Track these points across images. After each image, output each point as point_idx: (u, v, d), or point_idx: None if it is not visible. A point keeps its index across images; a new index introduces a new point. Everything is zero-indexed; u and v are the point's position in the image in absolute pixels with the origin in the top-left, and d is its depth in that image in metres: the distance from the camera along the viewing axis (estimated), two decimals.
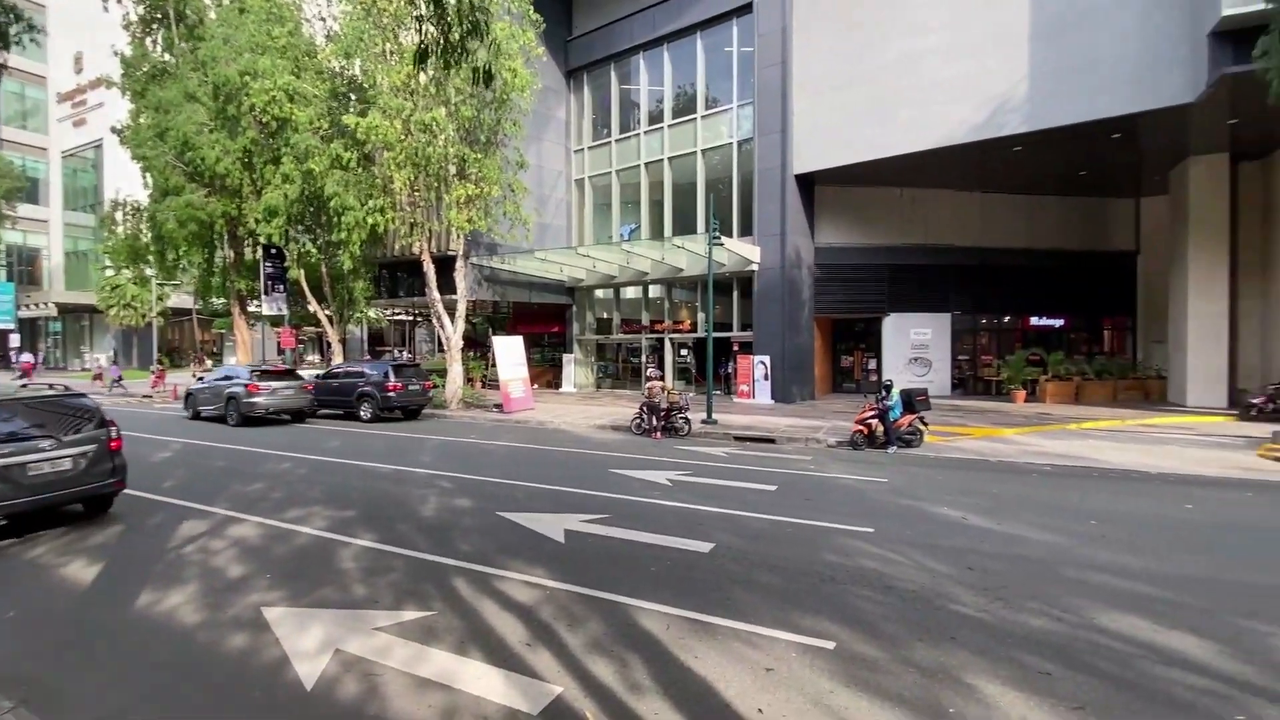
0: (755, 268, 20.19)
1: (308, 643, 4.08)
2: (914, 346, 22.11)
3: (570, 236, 25.50)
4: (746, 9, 20.40)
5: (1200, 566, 5.59)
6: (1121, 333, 24.32)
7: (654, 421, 13.72)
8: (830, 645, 3.99)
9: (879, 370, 22.11)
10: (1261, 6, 10.39)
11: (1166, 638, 4.13)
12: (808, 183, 20.33)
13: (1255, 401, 15.01)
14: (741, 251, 19.52)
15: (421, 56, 4.49)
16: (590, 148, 25.47)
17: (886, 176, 20.51)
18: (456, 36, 4.51)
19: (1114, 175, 20.76)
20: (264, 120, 19.69)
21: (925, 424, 12.34)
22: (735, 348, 22.31)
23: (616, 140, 24.61)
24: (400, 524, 6.89)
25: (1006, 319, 24.02)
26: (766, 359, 20.11)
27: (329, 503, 7.85)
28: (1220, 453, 11.26)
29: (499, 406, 18.47)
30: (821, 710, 3.30)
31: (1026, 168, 19.45)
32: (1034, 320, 23.69)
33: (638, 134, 23.93)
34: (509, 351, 18.96)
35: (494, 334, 25.73)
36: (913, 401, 12.14)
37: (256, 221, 20.55)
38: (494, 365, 20.05)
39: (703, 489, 8.60)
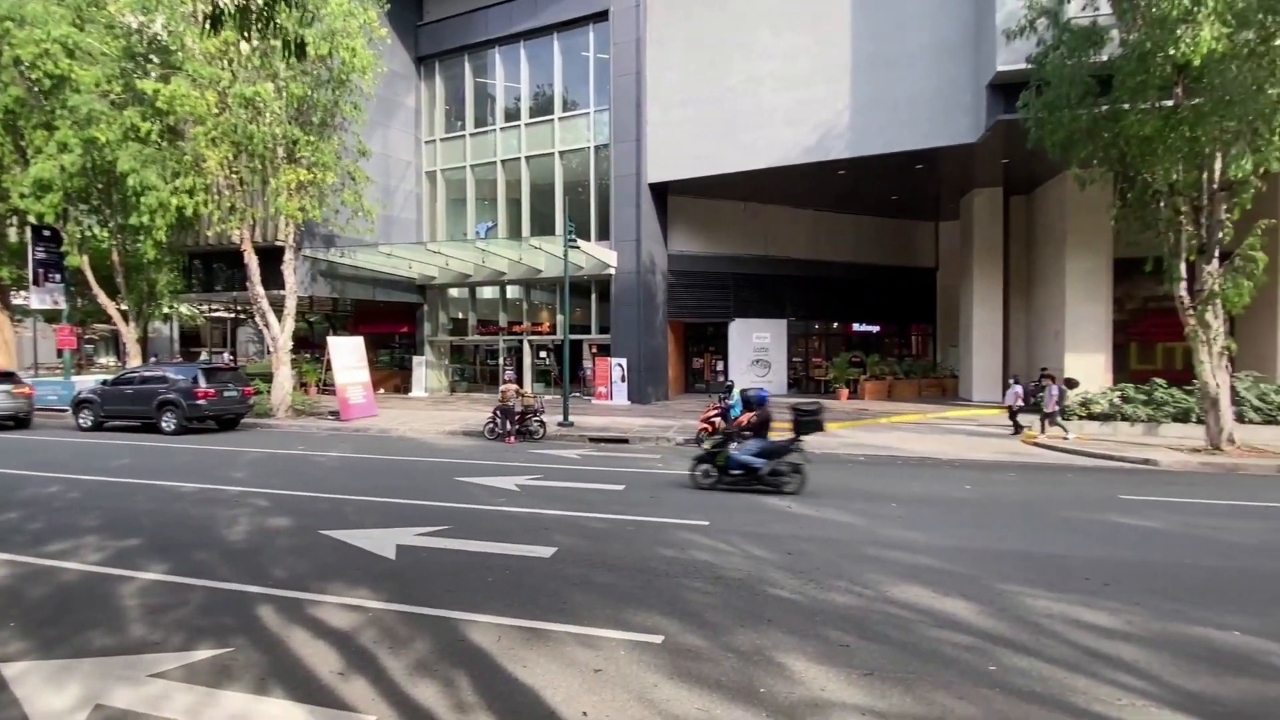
0: (612, 271, 20.52)
1: (60, 701, 3.42)
2: (756, 349, 23.78)
3: (421, 231, 24.18)
4: (603, 16, 20.70)
5: (972, 539, 6.56)
6: (925, 338, 28.09)
7: (508, 426, 13.40)
8: (659, 639, 4.12)
9: (726, 371, 23.49)
10: (1024, 66, 12.49)
11: (942, 603, 4.78)
12: (662, 191, 21.07)
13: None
14: (599, 255, 19.74)
15: (213, 23, 3.92)
16: (443, 139, 24.35)
17: (733, 190, 21.88)
18: (261, 1, 4.04)
19: (919, 201, 23.92)
20: (33, 77, 16.39)
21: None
22: (593, 350, 22.51)
23: (471, 134, 23.76)
24: (199, 551, 6.05)
25: (834, 325, 26.70)
26: (623, 361, 20.51)
27: (108, 531, 6.69)
28: (995, 440, 13.38)
29: (336, 414, 16.98)
30: (644, 705, 3.39)
31: (850, 189, 21.76)
32: (856, 326, 26.58)
33: (494, 130, 23.30)
34: (347, 352, 17.53)
35: (335, 333, 23.70)
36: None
37: (22, 197, 17.04)
38: (331, 368, 18.40)
39: (551, 493, 8.53)
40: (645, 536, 6.47)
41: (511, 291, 24.04)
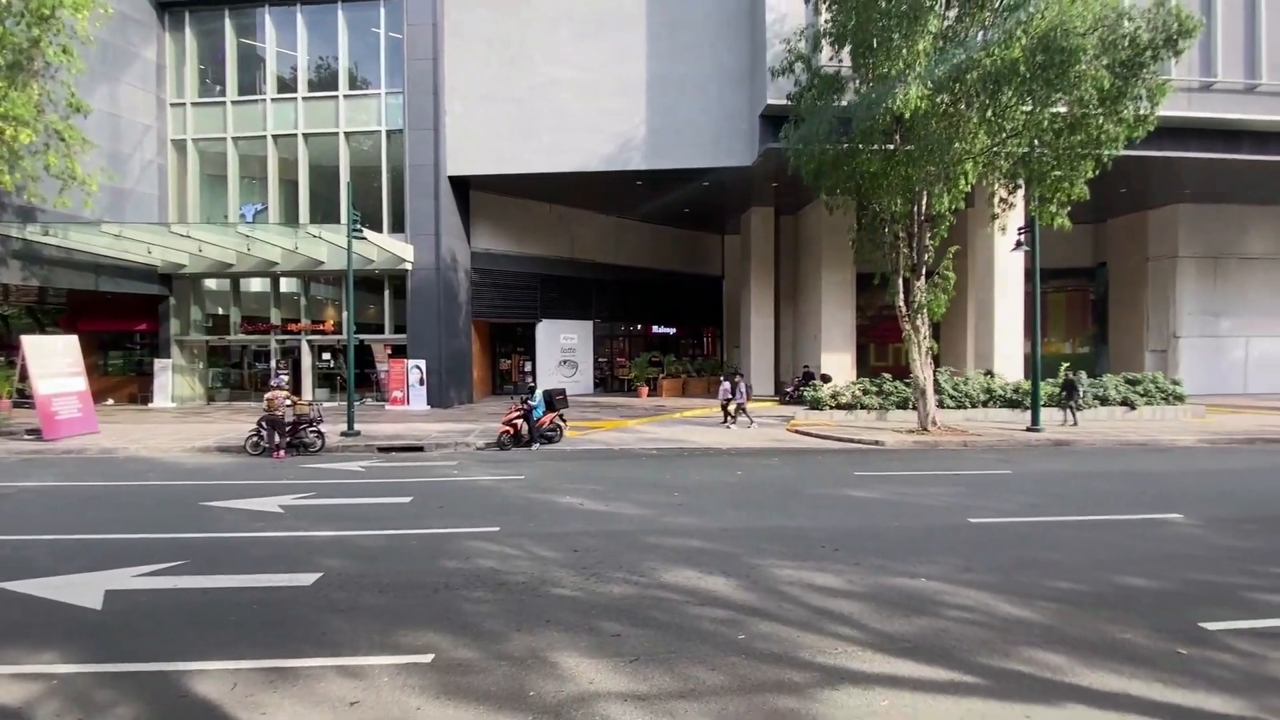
0: (409, 267, 19.23)
1: None
2: (563, 350, 24.05)
3: (165, 210, 20.33)
4: None
5: (738, 520, 7.32)
6: (715, 339, 30.82)
7: (276, 439, 11.81)
8: (428, 658, 3.93)
9: (534, 372, 23.39)
10: (787, 102, 14.26)
11: (706, 582, 5.25)
12: (463, 186, 20.27)
13: (788, 390, 20.64)
14: (393, 249, 18.36)
15: None
16: (196, 104, 20.73)
17: (538, 192, 21.84)
18: None
19: (708, 215, 26.14)
20: None
21: (565, 420, 13.47)
22: (388, 351, 20.88)
23: (235, 102, 20.57)
24: None
25: (637, 326, 28.06)
26: (422, 363, 19.34)
27: None
28: (765, 429, 15.09)
29: (37, 432, 13.55)
30: None
31: (649, 200, 23.01)
32: (656, 328, 28.25)
33: (264, 99, 20.43)
34: (51, 355, 14.10)
35: (44, 331, 18.96)
36: (553, 401, 13.12)
37: None
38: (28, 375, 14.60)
39: (324, 512, 7.71)
40: (428, 550, 6.15)
41: (287, 285, 21.30)
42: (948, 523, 7.17)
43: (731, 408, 15.12)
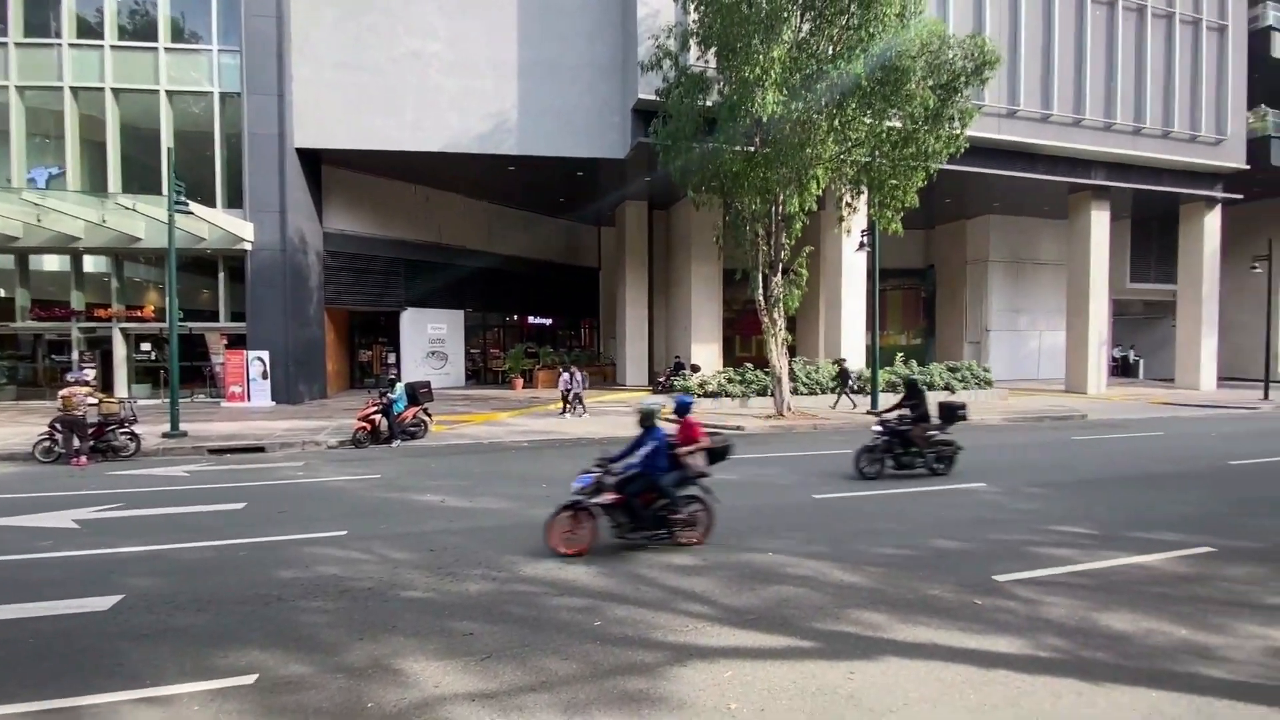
0: (248, 247, 17.26)
1: None
2: (432, 341, 22.89)
3: None
4: None
5: None
6: (592, 330, 30.90)
7: (75, 443, 10.11)
8: (251, 679, 3.55)
9: (399, 364, 22.05)
10: (656, 98, 14.51)
11: (566, 572, 5.23)
12: (313, 160, 18.53)
13: (660, 380, 21.19)
14: (228, 226, 16.38)
15: None
16: None
17: (402, 171, 20.51)
18: None
19: (584, 205, 26.03)
20: None
21: (430, 415, 12.82)
22: (224, 341, 18.65)
23: (20, 44, 17.20)
24: None
25: (514, 317, 27.39)
26: (265, 355, 17.49)
27: None
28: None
29: None
30: None
31: (524, 187, 22.46)
32: (532, 319, 27.76)
33: (59, 44, 17.27)
34: None
35: None
36: (416, 394, 12.43)
37: None
38: None
39: (132, 525, 6.72)
40: (261, 560, 5.56)
41: (93, 264, 18.28)
42: (795, 500, 7.74)
43: (571, 397, 15.54)
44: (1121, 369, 28.86)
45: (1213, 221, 22.72)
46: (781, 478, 9.04)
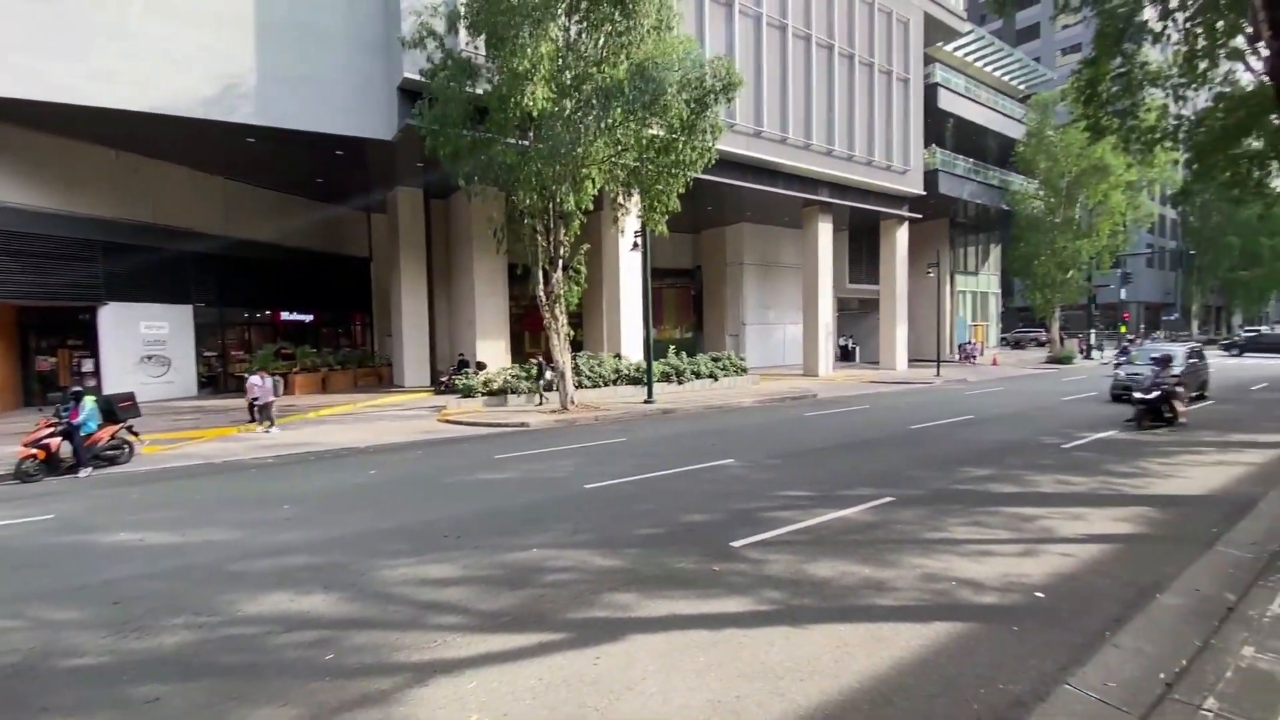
0: None
1: None
2: (148, 343, 18.83)
3: None
4: None
5: (357, 524, 6.70)
6: (363, 327, 28.17)
7: None
8: None
9: (98, 373, 17.73)
10: (419, 78, 13.58)
11: (300, 604, 4.62)
12: None
13: (443, 379, 20.14)
14: None
15: None
16: None
17: (96, 132, 16.43)
18: None
19: (349, 189, 23.52)
20: None
21: (136, 433, 10.50)
22: None
23: None
24: None
25: (264, 313, 23.74)
26: None
27: None
28: (415, 422, 14.39)
29: None
30: None
31: (274, 163, 19.50)
32: (286, 315, 24.36)
33: None
34: None
35: None
36: (114, 409, 10.08)
37: None
38: None
39: None
40: None
41: None
42: (568, 491, 7.86)
43: (257, 408, 13.24)
44: (844, 355, 34.73)
45: (902, 235, 28.43)
46: (558, 470, 9.13)
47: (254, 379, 13.30)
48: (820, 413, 15.41)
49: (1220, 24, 10.83)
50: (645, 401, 16.81)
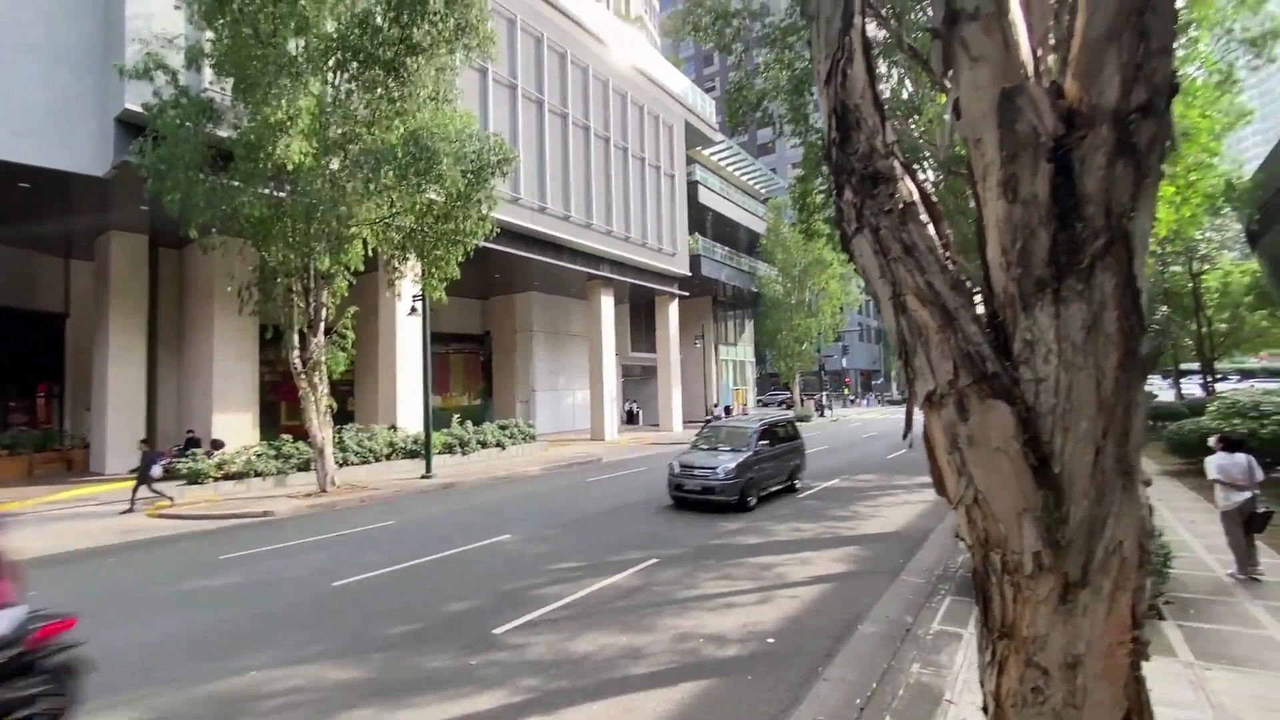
0: None
1: None
2: None
3: None
4: None
5: None
6: (49, 399, 22.21)
7: None
8: None
9: None
10: (141, 110, 11.72)
11: None
12: None
13: (163, 462, 16.55)
14: None
15: None
16: None
17: None
18: None
19: (38, 229, 18.92)
20: None
21: None
22: None
23: None
24: None
25: None
26: None
27: None
28: (114, 520, 11.53)
29: None
30: None
31: None
32: None
33: None
34: None
35: None
36: None
37: None
38: None
39: None
40: None
41: None
42: (311, 592, 6.85)
43: None
44: (630, 418, 36.53)
45: (674, 309, 31.39)
46: (302, 567, 7.93)
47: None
48: (603, 477, 15.83)
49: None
50: (423, 476, 15.68)
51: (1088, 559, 1.47)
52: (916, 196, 1.73)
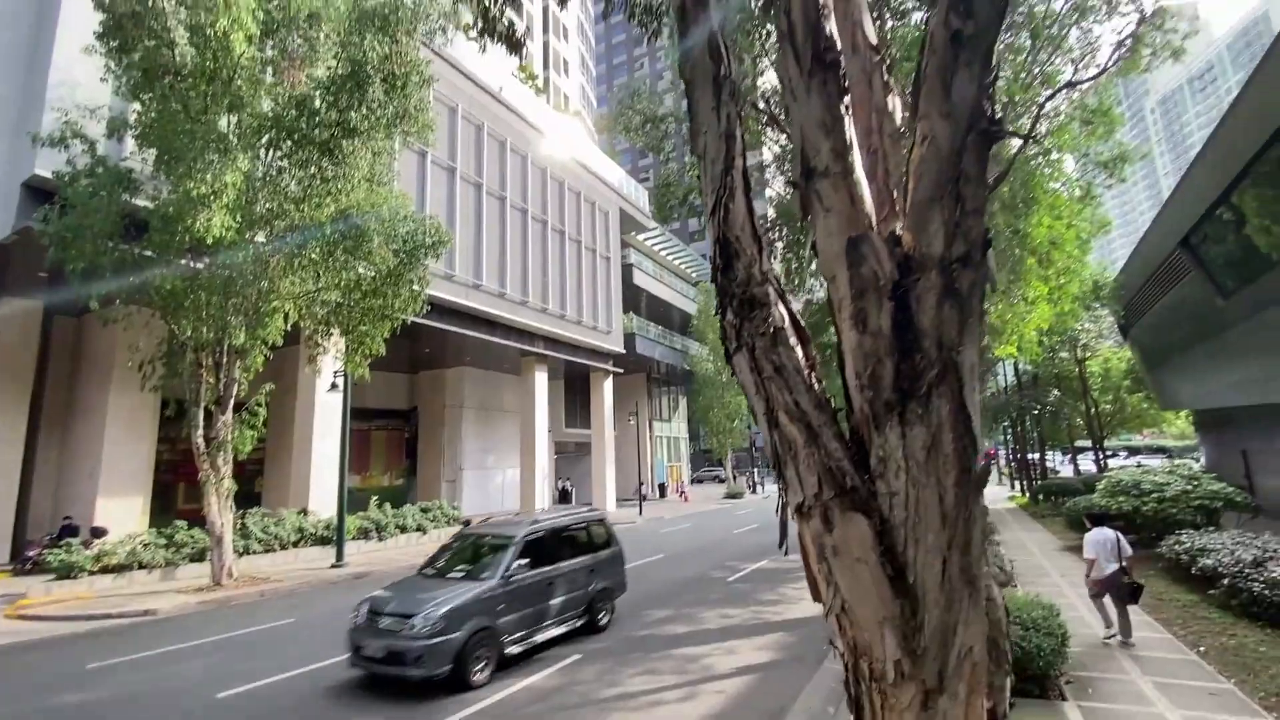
0: None
1: None
2: None
3: None
4: None
5: None
6: None
7: None
8: None
9: None
10: (51, 177, 11.24)
11: None
12: None
13: (30, 554, 14.70)
14: None
15: None
16: None
17: None
18: None
19: None
20: None
21: None
22: None
23: None
24: None
25: None
26: None
27: None
28: None
29: None
30: None
31: None
32: None
33: None
34: None
35: None
36: None
37: None
38: None
39: None
40: None
41: None
42: (190, 708, 6.11)
43: None
44: (563, 497, 35.60)
45: (608, 386, 31.55)
46: (183, 677, 7.09)
47: None
48: None
49: (805, 253, 15.32)
50: (334, 565, 14.59)
51: (943, 665, 1.58)
52: (787, 321, 1.92)
